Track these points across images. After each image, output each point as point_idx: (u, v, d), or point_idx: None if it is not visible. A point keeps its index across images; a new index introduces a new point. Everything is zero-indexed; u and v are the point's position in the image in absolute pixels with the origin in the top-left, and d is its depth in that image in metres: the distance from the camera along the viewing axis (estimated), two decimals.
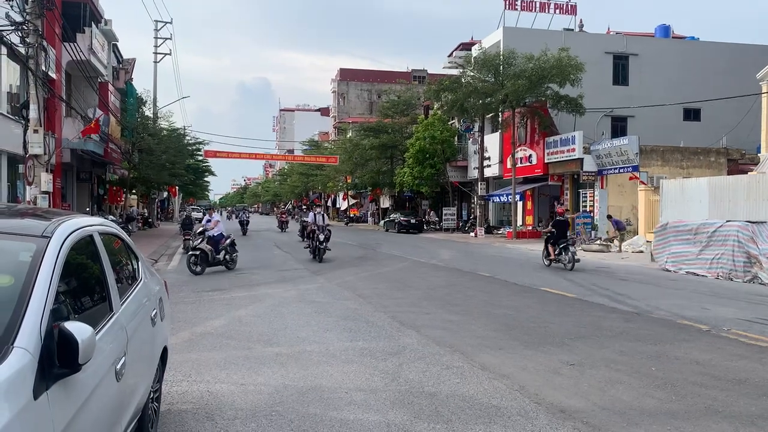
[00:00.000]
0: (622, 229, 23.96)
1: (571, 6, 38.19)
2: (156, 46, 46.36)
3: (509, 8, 37.13)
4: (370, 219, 59.85)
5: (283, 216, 41.37)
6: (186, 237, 21.38)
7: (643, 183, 24.86)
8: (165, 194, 59.97)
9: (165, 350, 4.59)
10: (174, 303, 8.49)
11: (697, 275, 15.58)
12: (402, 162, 44.82)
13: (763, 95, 25.07)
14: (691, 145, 30.82)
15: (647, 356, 6.97)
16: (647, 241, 21.41)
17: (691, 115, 36.58)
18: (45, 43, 20.25)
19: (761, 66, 25.01)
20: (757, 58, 29.22)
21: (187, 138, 44.87)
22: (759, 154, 26.22)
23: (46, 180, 17.45)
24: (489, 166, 36.64)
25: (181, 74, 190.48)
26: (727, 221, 15.61)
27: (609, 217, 25.23)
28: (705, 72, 36.19)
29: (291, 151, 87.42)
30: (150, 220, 43.95)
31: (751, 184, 16.42)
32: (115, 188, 37.77)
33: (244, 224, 34.84)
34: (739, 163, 29.91)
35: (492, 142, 36.98)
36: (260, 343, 7.49)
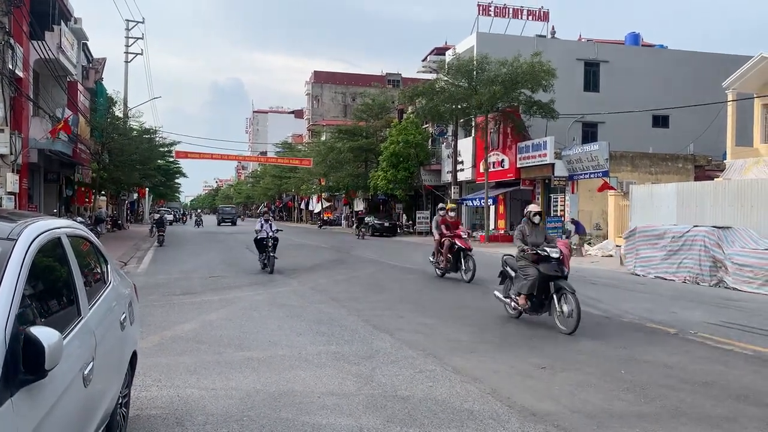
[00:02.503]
0: (582, 233, 24.31)
1: (544, 13, 38.67)
2: (127, 46, 45.73)
3: (483, 14, 37.47)
4: (343, 222, 59.70)
5: (460, 232, 15.50)
6: (160, 233, 27.21)
7: (612, 188, 25.22)
8: (135, 196, 59.13)
9: (134, 355, 4.52)
10: (144, 306, 8.37)
11: (665, 279, 15.85)
12: (376, 165, 44.88)
13: (728, 104, 25.67)
14: (659, 151, 31.41)
15: (617, 359, 7.07)
16: (617, 246, 21.73)
17: (660, 121, 37.29)
18: (12, 41, 19.85)
19: (727, 75, 25.60)
20: (724, 68, 29.84)
21: (158, 138, 44.33)
22: (725, 161, 26.83)
23: (12, 180, 17.10)
24: (462, 170, 36.86)
25: (153, 74, 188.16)
26: (694, 226, 15.91)
27: (573, 220, 25.55)
28: (673, 80, 36.92)
29: (264, 153, 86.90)
30: (119, 222, 43.28)
31: (717, 190, 16.80)
32: (84, 189, 37.11)
33: (267, 248, 16.38)
34: (705, 169, 30.57)
35: (465, 146, 37.22)
36: (231, 348, 7.42)
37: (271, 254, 16.15)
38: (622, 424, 4.91)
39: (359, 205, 57.05)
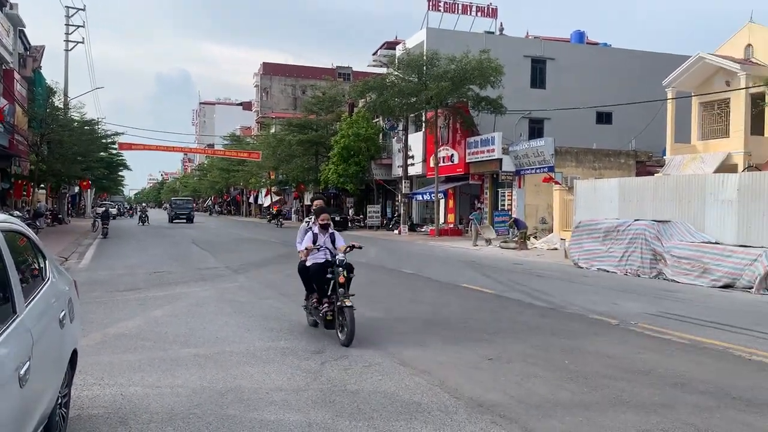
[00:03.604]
0: (521, 227, 24.86)
1: (492, 9, 39.17)
2: (67, 33, 44.12)
3: (433, 9, 37.69)
4: (294, 216, 59.20)
5: None
6: (104, 225, 28.04)
7: (557, 183, 25.80)
8: (76, 189, 57.21)
9: (75, 353, 4.38)
10: (85, 303, 8.11)
11: (608, 272, 16.32)
12: (327, 159, 44.68)
13: (668, 102, 26.58)
14: (603, 147, 32.24)
15: (561, 350, 7.24)
16: (561, 239, 22.24)
17: (603, 118, 38.27)
18: None
19: (668, 73, 26.49)
20: (665, 66, 30.79)
21: (101, 130, 42.91)
22: (664, 157, 27.83)
23: None
24: (413, 164, 37.05)
25: (95, 64, 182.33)
26: (635, 220, 16.43)
27: (514, 219, 26.09)
28: (617, 77, 37.90)
29: (211, 146, 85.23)
30: (60, 216, 41.80)
31: (657, 185, 17.37)
32: (21, 182, 35.69)
33: (334, 288, 7.70)
34: (646, 164, 31.57)
35: (416, 141, 37.41)
36: (177, 344, 7.28)
37: (344, 304, 7.34)
38: (566, 413, 5.04)
39: (309, 199, 56.65)
